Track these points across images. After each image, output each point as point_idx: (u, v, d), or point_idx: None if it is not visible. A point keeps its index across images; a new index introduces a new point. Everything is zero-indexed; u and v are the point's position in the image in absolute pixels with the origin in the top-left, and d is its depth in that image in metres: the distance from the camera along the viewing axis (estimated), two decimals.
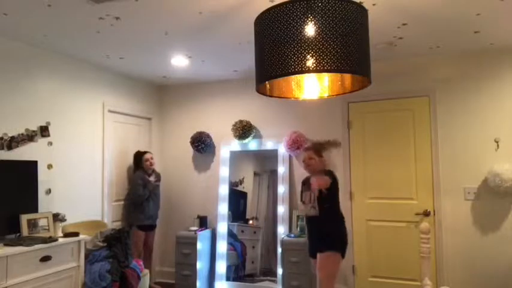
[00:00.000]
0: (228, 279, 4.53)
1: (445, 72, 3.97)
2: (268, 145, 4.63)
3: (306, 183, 3.28)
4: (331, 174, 3.14)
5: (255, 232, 4.64)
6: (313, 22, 1.82)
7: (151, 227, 4.57)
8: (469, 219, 3.82)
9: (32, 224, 3.22)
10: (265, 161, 4.72)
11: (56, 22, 3.00)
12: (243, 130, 4.58)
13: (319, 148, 3.23)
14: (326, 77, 2.30)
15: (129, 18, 2.94)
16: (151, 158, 4.54)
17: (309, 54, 1.82)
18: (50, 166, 3.64)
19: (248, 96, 4.60)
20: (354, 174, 4.25)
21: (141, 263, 3.91)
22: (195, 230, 4.52)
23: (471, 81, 3.87)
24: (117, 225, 4.39)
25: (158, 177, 4.64)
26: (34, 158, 3.42)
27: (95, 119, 4.24)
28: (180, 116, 5.18)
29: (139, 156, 4.55)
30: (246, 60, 3.94)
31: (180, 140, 5.10)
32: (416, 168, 4.02)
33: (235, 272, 4.56)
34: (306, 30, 1.83)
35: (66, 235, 3.35)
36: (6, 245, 2.89)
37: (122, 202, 4.61)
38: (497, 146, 3.75)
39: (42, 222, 3.29)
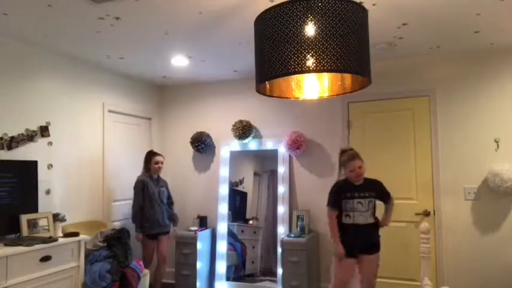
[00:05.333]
0: (228, 279, 4.53)
1: (445, 72, 3.97)
2: (268, 145, 4.63)
3: (350, 189, 3.12)
4: (382, 184, 3.25)
5: (255, 232, 4.64)
6: (313, 22, 1.82)
7: (162, 234, 4.24)
8: (469, 219, 3.82)
9: (32, 224, 3.22)
10: (265, 161, 4.71)
11: (56, 22, 3.00)
12: (243, 130, 4.58)
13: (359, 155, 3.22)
14: (326, 77, 2.31)
15: (129, 18, 2.94)
16: (162, 163, 4.30)
17: (309, 54, 1.82)
18: (50, 166, 3.64)
19: (248, 96, 4.60)
20: None
21: (141, 263, 3.91)
22: (195, 230, 4.52)
23: (471, 81, 3.87)
24: (117, 225, 4.38)
25: (163, 183, 4.39)
26: (34, 158, 3.42)
27: (95, 119, 4.24)
28: (180, 116, 5.18)
29: (149, 157, 4.28)
30: (246, 60, 3.94)
31: (180, 140, 5.10)
32: (416, 168, 4.02)
33: (235, 272, 4.56)
34: (306, 30, 1.83)
35: (66, 235, 3.34)
36: (6, 245, 2.89)
37: (122, 202, 4.59)
38: (497, 146, 3.75)
39: (42, 222, 3.29)
